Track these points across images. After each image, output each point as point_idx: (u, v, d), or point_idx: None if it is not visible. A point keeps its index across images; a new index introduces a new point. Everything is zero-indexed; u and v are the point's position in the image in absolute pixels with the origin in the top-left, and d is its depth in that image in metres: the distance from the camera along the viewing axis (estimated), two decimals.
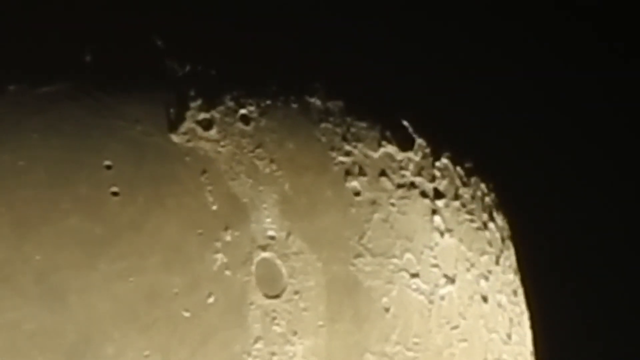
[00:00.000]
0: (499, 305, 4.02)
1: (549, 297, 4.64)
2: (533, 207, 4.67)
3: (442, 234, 3.70)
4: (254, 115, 3.23)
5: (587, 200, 5.31)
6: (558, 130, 5.05)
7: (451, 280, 3.69)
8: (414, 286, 3.51)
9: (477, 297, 3.85)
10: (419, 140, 3.72)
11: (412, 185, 3.64)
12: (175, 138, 3.06)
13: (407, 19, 3.81)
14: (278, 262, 3.15)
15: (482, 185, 4.07)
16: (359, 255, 3.36)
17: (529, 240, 4.40)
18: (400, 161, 3.62)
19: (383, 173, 3.54)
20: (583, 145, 5.22)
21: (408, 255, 3.53)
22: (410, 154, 3.67)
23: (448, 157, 3.85)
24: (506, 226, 4.26)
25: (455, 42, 4.06)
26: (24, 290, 2.77)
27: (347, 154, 3.43)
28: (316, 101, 3.40)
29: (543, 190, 4.92)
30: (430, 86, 3.85)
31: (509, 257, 4.22)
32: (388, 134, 3.60)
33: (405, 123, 3.69)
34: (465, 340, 3.72)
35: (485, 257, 3.96)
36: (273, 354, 3.09)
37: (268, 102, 3.27)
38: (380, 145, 3.56)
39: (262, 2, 3.36)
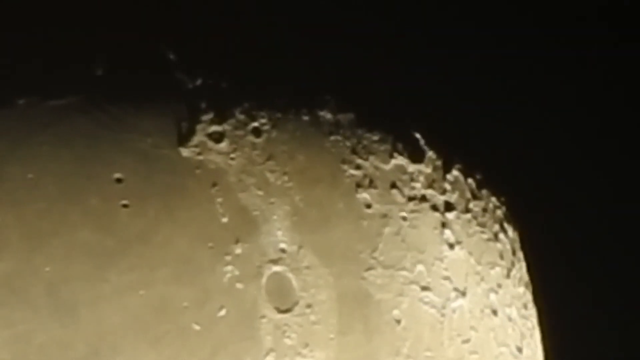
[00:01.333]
0: (509, 318, 4.00)
1: (561, 309, 4.62)
2: (544, 220, 4.66)
3: (452, 246, 3.69)
4: (265, 127, 3.23)
5: (599, 213, 5.30)
6: (569, 142, 5.04)
7: (462, 293, 3.67)
8: (425, 299, 3.50)
9: (488, 311, 3.83)
10: (430, 153, 3.72)
11: (423, 198, 3.63)
12: (185, 151, 3.05)
13: (417, 32, 3.81)
14: (289, 275, 3.14)
15: (493, 198, 4.06)
16: (370, 268, 3.35)
17: (540, 252, 4.38)
18: (412, 173, 3.61)
19: (394, 185, 3.53)
20: (595, 158, 5.21)
21: (419, 268, 3.52)
22: (421, 167, 3.66)
23: (459, 170, 3.84)
24: (517, 239, 4.24)
25: (466, 55, 4.05)
26: (34, 302, 2.77)
27: (358, 166, 3.43)
28: (327, 114, 3.40)
29: (554, 202, 4.91)
30: (441, 99, 3.85)
31: (520, 270, 4.20)
32: (399, 146, 3.60)
33: (416, 135, 3.69)
34: (476, 353, 3.70)
35: (495, 270, 3.95)
36: None
37: (279, 114, 3.27)
38: (391, 157, 3.55)
39: (273, 15, 3.36)
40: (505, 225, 4.14)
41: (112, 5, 3.11)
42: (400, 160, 3.59)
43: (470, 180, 3.91)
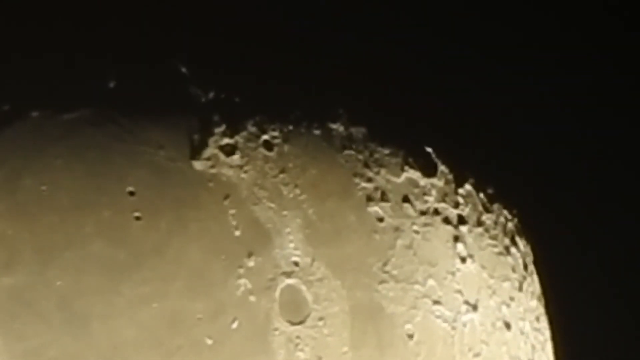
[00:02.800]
0: (522, 332, 3.99)
1: (573, 323, 4.61)
2: (556, 233, 4.65)
3: (464, 260, 3.68)
4: (277, 141, 3.23)
5: (611, 225, 5.28)
6: (581, 156, 5.03)
7: (473, 306, 3.66)
8: (437, 312, 3.49)
9: (500, 324, 3.82)
10: (442, 167, 3.72)
11: (436, 211, 3.63)
12: (198, 164, 3.06)
13: (429, 47, 3.81)
14: (302, 288, 3.13)
15: (505, 211, 4.05)
16: (382, 282, 3.34)
17: (552, 265, 4.38)
18: (424, 187, 3.61)
19: (406, 199, 3.53)
20: (607, 171, 5.20)
21: (431, 282, 3.51)
22: (433, 180, 3.66)
23: (471, 184, 3.84)
24: (529, 252, 4.23)
25: (480, 70, 4.05)
26: (47, 316, 2.77)
27: (370, 180, 3.43)
28: (339, 127, 3.40)
29: (566, 215, 4.89)
30: (454, 113, 3.85)
31: (532, 283, 4.19)
32: (411, 160, 3.60)
33: (428, 149, 3.68)
34: None
35: (507, 284, 3.94)
36: None
37: (291, 127, 3.27)
38: (402, 171, 3.55)
39: (285, 29, 3.37)
40: (517, 238, 4.13)
41: (125, 20, 3.11)
42: (411, 173, 3.59)
43: (482, 195, 3.91)
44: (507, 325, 3.85)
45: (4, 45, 2.97)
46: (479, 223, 3.85)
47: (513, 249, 4.06)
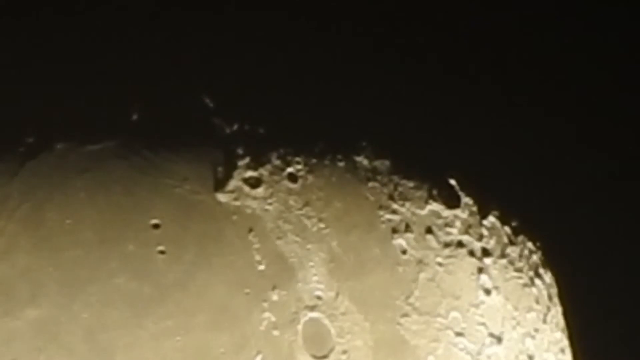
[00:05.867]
0: None
1: (598, 355, 4.58)
2: (580, 265, 4.63)
3: (488, 292, 3.67)
4: (302, 173, 3.23)
5: (636, 258, 5.26)
6: (604, 188, 5.02)
7: (498, 339, 3.64)
8: (460, 345, 3.48)
9: (523, 357, 3.80)
10: (466, 199, 3.70)
11: (460, 243, 3.61)
12: (222, 197, 3.06)
13: (452, 79, 3.81)
14: (326, 322, 3.12)
15: (529, 243, 4.04)
16: (405, 315, 3.33)
17: (576, 297, 4.35)
18: (447, 219, 3.60)
19: (429, 231, 3.52)
20: (631, 202, 5.18)
21: (454, 314, 3.49)
22: (457, 212, 3.65)
23: (495, 216, 3.83)
24: (553, 284, 4.21)
25: (502, 103, 4.05)
26: (72, 349, 2.77)
27: (394, 212, 3.42)
28: (363, 160, 3.40)
29: (590, 247, 4.88)
30: (477, 145, 3.84)
31: (556, 315, 4.17)
32: (435, 192, 3.59)
33: (452, 182, 3.68)
34: None
35: (531, 315, 3.92)
36: None
37: (315, 160, 3.27)
38: (426, 203, 3.54)
39: (309, 61, 3.37)
40: (541, 270, 4.11)
41: (149, 51, 3.13)
42: (435, 206, 3.58)
43: (506, 227, 3.89)
44: (531, 358, 3.83)
45: (28, 78, 2.99)
46: (503, 255, 3.83)
47: (537, 281, 4.04)
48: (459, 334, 3.50)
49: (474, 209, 3.74)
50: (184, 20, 3.21)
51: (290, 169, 3.21)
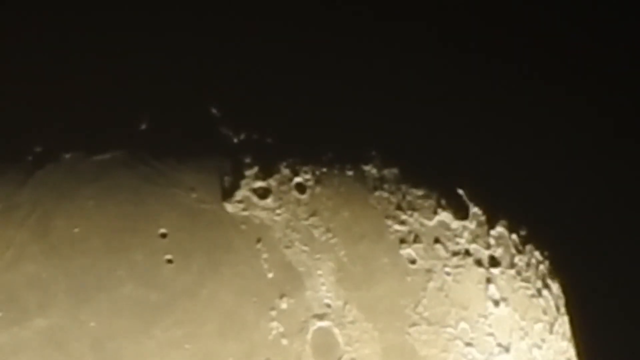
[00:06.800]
0: None
1: None
2: (588, 274, 4.62)
3: (496, 302, 3.66)
4: (310, 183, 3.23)
5: None
6: (614, 198, 5.01)
7: (506, 349, 3.64)
8: (469, 355, 3.47)
9: None
10: (474, 209, 3.70)
11: (467, 253, 3.61)
12: (230, 206, 3.06)
13: (459, 89, 3.81)
14: (335, 330, 3.12)
15: (536, 253, 4.03)
16: (414, 324, 3.32)
17: (584, 307, 4.34)
18: (455, 229, 3.59)
19: (438, 240, 3.51)
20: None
21: (463, 324, 3.49)
22: (465, 222, 3.65)
23: (503, 226, 3.82)
24: (560, 294, 4.20)
25: (510, 111, 4.05)
26: (80, 357, 2.78)
27: (402, 222, 3.42)
28: (371, 169, 3.40)
29: (598, 257, 4.86)
30: (485, 155, 3.84)
31: (563, 324, 4.16)
32: (443, 202, 3.59)
33: (460, 191, 3.67)
34: None
35: (539, 326, 3.91)
36: None
37: (323, 170, 3.27)
38: (435, 213, 3.54)
39: (316, 70, 3.37)
40: (549, 281, 4.11)
41: (157, 60, 3.13)
42: (443, 215, 3.57)
43: (514, 236, 3.89)
44: None
45: (36, 88, 3.00)
46: (512, 265, 3.82)
47: (545, 291, 4.04)
48: (468, 344, 3.49)
49: (482, 218, 3.73)
50: (191, 30, 3.22)
51: (298, 179, 3.21)
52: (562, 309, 4.19)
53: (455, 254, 3.56)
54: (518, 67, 4.20)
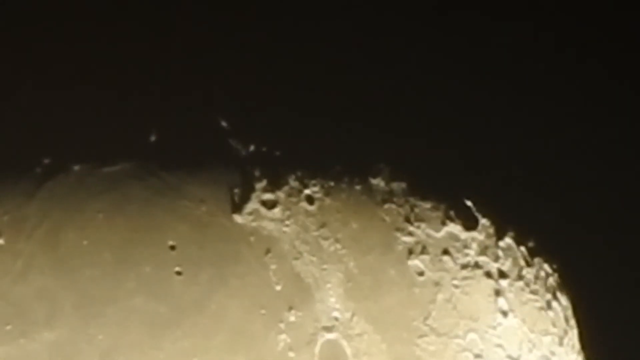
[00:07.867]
0: None
1: None
2: (597, 287, 4.61)
3: (505, 314, 3.65)
4: (318, 195, 3.23)
5: None
6: (623, 210, 4.99)
7: None
8: None
9: None
10: (483, 221, 3.70)
11: (476, 265, 3.60)
12: (239, 218, 3.06)
13: (467, 100, 3.81)
14: (343, 343, 3.12)
15: (546, 265, 4.02)
16: (422, 335, 3.32)
17: (593, 320, 4.33)
18: (464, 241, 3.59)
19: (446, 252, 3.51)
20: None
21: (472, 336, 3.48)
22: (474, 234, 3.64)
23: (512, 237, 3.81)
24: (570, 306, 4.19)
25: (517, 124, 4.04)
26: None
27: (410, 234, 3.41)
28: (380, 182, 3.40)
29: (607, 270, 4.85)
30: (494, 167, 3.84)
31: (572, 337, 4.15)
32: (452, 213, 3.58)
33: (468, 203, 3.67)
34: None
35: (548, 338, 3.90)
36: None
37: (332, 182, 3.27)
38: (443, 225, 3.54)
39: (325, 84, 3.38)
40: (558, 293, 4.10)
41: (166, 74, 3.14)
42: (452, 227, 3.57)
43: (522, 248, 3.88)
44: None
45: (45, 100, 3.00)
46: (520, 277, 3.82)
47: (554, 304, 4.02)
48: (477, 356, 3.49)
49: (491, 230, 3.73)
50: (200, 42, 3.22)
51: (307, 191, 3.21)
52: (572, 322, 4.18)
53: (464, 266, 3.55)
54: (524, 81, 4.20)
